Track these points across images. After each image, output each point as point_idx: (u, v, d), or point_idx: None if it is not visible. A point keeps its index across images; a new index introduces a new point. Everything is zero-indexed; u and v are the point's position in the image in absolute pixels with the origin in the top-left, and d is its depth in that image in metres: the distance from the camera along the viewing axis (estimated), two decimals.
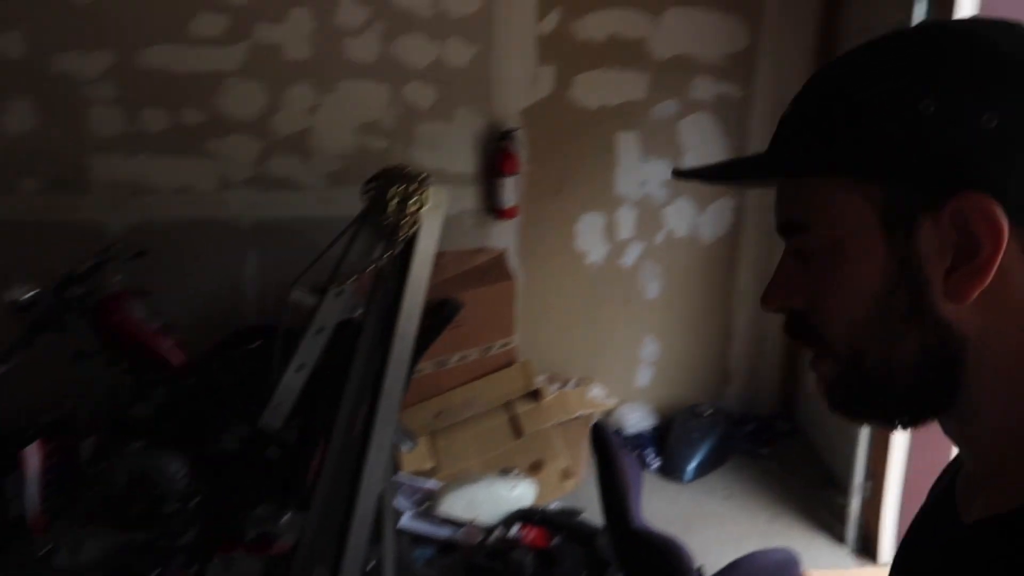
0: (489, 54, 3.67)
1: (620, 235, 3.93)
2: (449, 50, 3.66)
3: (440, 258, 2.92)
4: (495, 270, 3.69)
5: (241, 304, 3.76)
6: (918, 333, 0.63)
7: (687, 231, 3.95)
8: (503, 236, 3.81)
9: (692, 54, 3.78)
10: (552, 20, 3.68)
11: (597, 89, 3.76)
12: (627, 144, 3.83)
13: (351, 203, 2.97)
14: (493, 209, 3.74)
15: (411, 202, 2.46)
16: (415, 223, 2.44)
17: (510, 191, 3.68)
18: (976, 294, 0.60)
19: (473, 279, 3.59)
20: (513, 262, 3.73)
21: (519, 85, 3.70)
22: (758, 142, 3.88)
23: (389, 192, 2.43)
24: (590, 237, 3.91)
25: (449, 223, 2.49)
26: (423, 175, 2.50)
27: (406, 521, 3.09)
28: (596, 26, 3.71)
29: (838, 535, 3.33)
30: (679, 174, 0.79)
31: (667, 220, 3.93)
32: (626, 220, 3.91)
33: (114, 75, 3.49)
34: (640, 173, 3.86)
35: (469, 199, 3.78)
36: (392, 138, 3.69)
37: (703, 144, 3.86)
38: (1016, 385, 0.63)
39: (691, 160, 3.91)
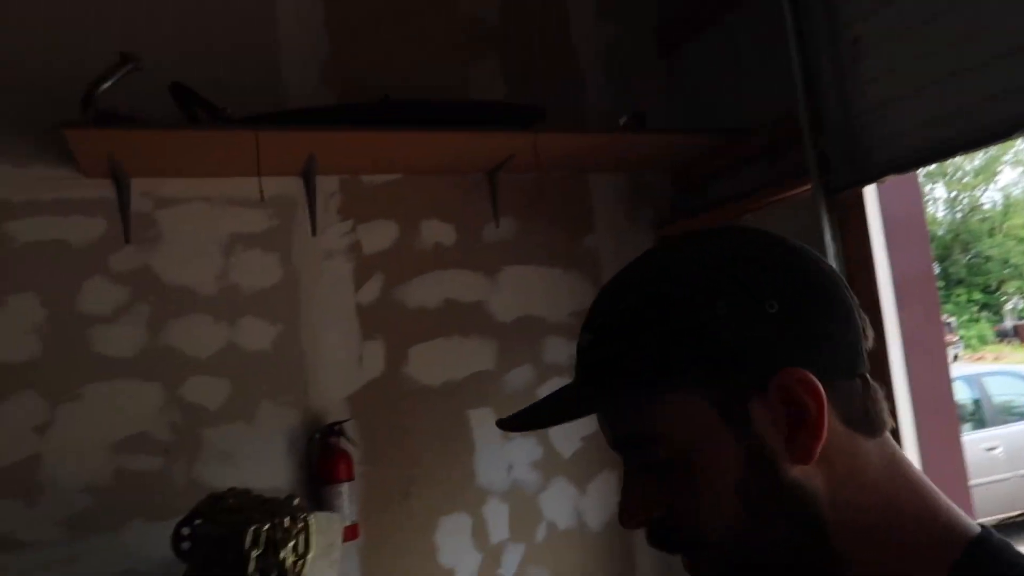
0: (297, 333, 2.11)
1: (492, 538, 2.14)
2: (243, 332, 2.06)
3: None
4: None
5: None
6: (781, 504, 0.51)
7: (570, 521, 2.26)
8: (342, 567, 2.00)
9: (538, 314, 2.39)
10: (372, 289, 2.21)
11: (437, 362, 2.23)
12: (483, 423, 2.20)
13: (107, 559, 1.33)
14: None
15: (283, 552, 0.97)
16: None
17: (344, 504, 1.99)
18: (818, 451, 0.51)
19: None
20: None
21: (341, 367, 2.07)
22: None
23: (244, 539, 0.79)
24: (456, 546, 2.10)
25: None
26: (294, 501, 1.04)
27: None
28: (425, 291, 2.26)
29: None
30: (504, 424, 0.60)
31: (545, 510, 2.24)
32: (496, 517, 2.15)
33: None
34: (504, 456, 2.20)
35: None
36: (169, 455, 1.95)
37: None
38: (871, 527, 0.51)
39: (560, 433, 2.38)
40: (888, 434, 0.55)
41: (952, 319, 16.83)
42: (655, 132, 2.23)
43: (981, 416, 6.28)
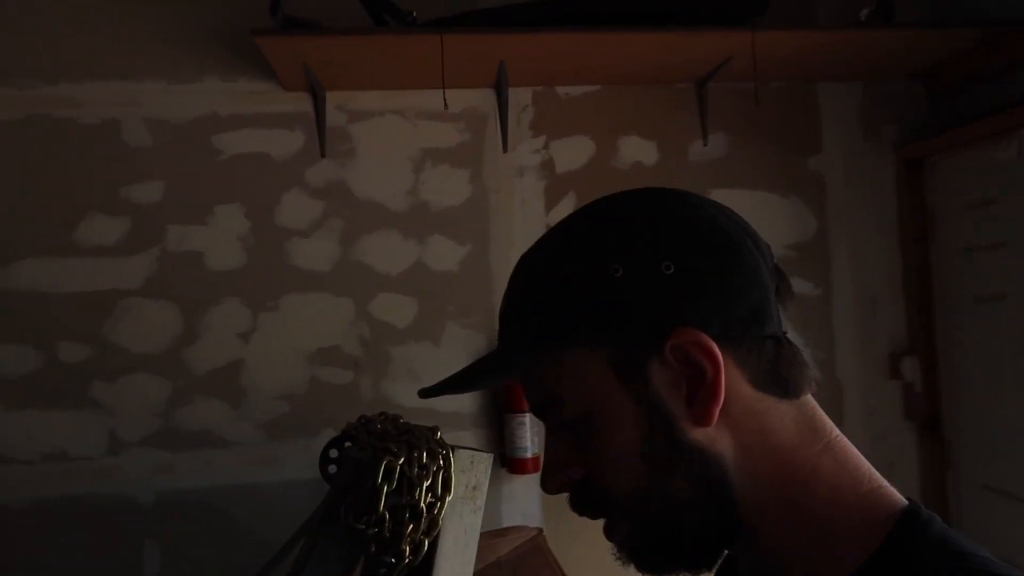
0: (486, 254, 2.02)
1: None
2: (432, 251, 2.00)
3: None
4: (533, 561, 1.51)
5: None
6: (682, 465, 0.51)
7: None
8: (525, 500, 1.92)
9: None
10: (564, 209, 2.05)
11: None
12: None
13: (300, 463, 1.40)
14: (506, 460, 1.86)
15: (418, 491, 0.86)
16: (432, 528, 0.90)
17: (528, 434, 1.86)
18: (717, 413, 0.50)
19: None
20: (554, 545, 1.65)
21: None
22: (845, 347, 2.11)
23: (378, 471, 0.71)
24: None
25: None
26: (436, 434, 0.87)
27: None
28: None
29: None
30: (426, 393, 0.61)
31: None
32: None
33: None
34: None
35: None
36: (358, 368, 1.96)
37: None
38: (780, 492, 0.51)
39: None
40: (809, 397, 0.54)
41: None
42: (905, 27, 1.81)
43: None
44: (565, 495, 0.59)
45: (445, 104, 1.73)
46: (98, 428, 1.77)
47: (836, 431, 0.54)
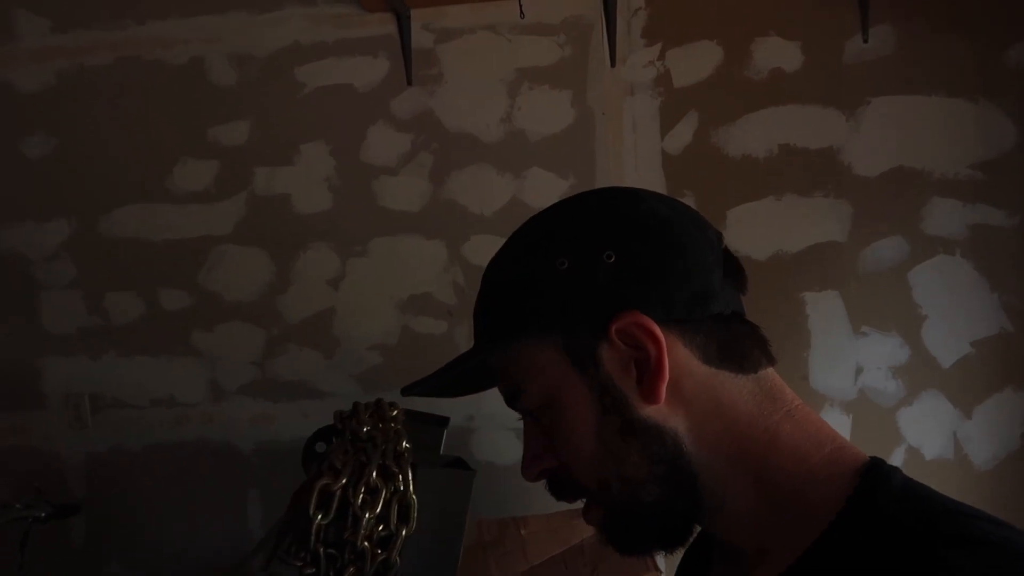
0: (592, 187, 1.78)
1: None
2: (530, 185, 1.78)
3: (517, 527, 1.28)
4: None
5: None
6: (637, 443, 0.53)
7: (944, 449, 1.67)
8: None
9: (920, 166, 1.70)
10: (684, 131, 1.74)
11: (765, 228, 1.69)
12: (824, 311, 1.66)
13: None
14: None
15: (364, 523, 0.56)
16: (387, 570, 0.78)
17: None
18: (664, 390, 0.52)
19: (583, 566, 1.25)
20: None
21: None
22: None
23: (310, 498, 0.59)
24: None
25: None
26: (401, 443, 0.74)
27: None
28: (754, 135, 1.72)
29: None
30: (408, 390, 0.62)
31: (907, 431, 1.70)
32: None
33: (70, 249, 1.87)
34: (852, 355, 1.65)
35: None
36: (452, 317, 1.81)
37: (954, 304, 1.70)
38: (741, 463, 0.53)
39: (938, 334, 1.73)
40: (770, 371, 0.55)
41: None
42: None
43: None
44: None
45: (521, 12, 1.47)
46: (200, 376, 1.76)
47: (798, 400, 0.55)
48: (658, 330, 0.52)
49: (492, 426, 1.72)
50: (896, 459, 1.64)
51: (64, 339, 1.79)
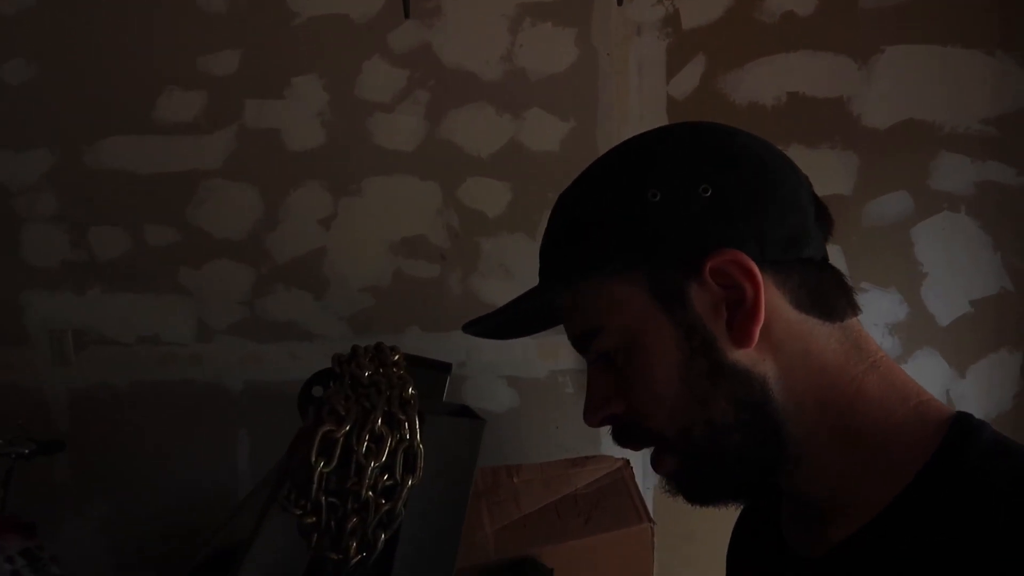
0: (593, 131, 1.71)
1: None
2: (530, 127, 1.72)
3: (510, 476, 1.23)
4: (614, 499, 1.26)
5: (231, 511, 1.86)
6: (725, 387, 0.51)
7: None
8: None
9: (931, 118, 1.65)
10: (690, 75, 1.68)
11: None
12: None
13: None
14: None
15: (368, 472, 0.52)
16: (390, 520, 0.72)
17: None
18: (757, 334, 0.50)
19: (575, 516, 1.24)
20: (641, 479, 1.43)
21: None
22: None
23: (312, 444, 0.56)
24: None
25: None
26: (407, 389, 0.67)
27: None
28: (762, 80, 1.66)
29: None
30: (470, 327, 0.59)
31: None
32: None
33: (53, 181, 1.80)
34: None
35: (565, 356, 1.76)
36: (445, 261, 1.77)
37: (955, 261, 1.67)
38: (827, 412, 0.51)
39: (938, 292, 1.70)
40: (855, 320, 0.54)
41: None
42: None
43: None
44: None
45: None
46: (188, 314, 1.72)
47: (882, 352, 0.53)
48: (756, 269, 0.50)
49: (485, 373, 1.70)
50: None
51: (47, 273, 1.73)
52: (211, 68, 1.68)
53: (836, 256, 1.54)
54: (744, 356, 0.51)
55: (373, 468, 0.68)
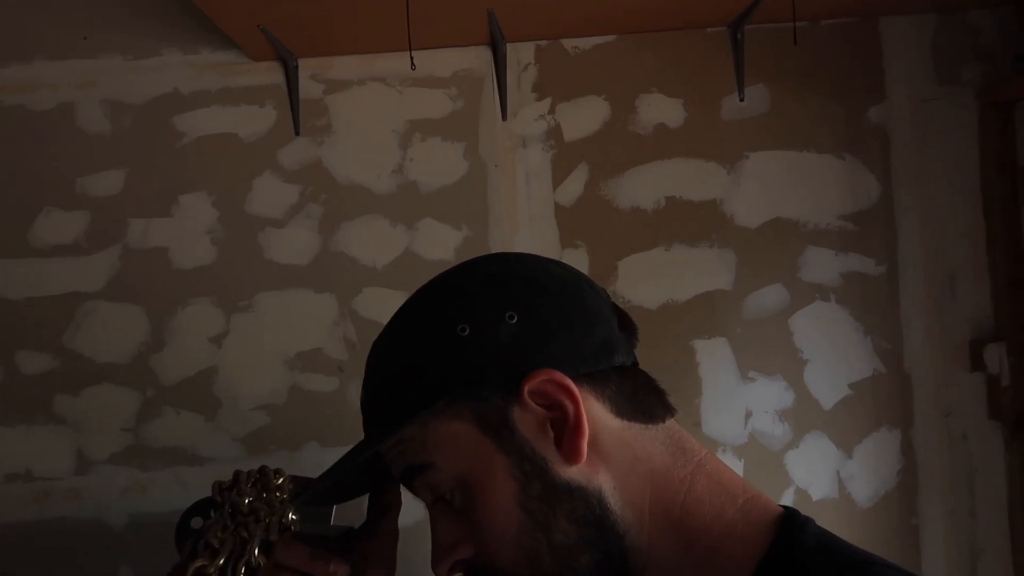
0: (486, 238, 1.74)
1: None
2: (423, 237, 1.75)
3: None
4: None
5: None
6: (563, 507, 0.51)
7: (829, 489, 1.73)
8: None
9: (796, 217, 1.78)
10: (575, 183, 1.76)
11: (655, 278, 1.72)
12: (713, 357, 1.70)
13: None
14: None
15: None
16: None
17: None
18: (585, 447, 0.51)
19: None
20: None
21: None
22: (916, 334, 1.76)
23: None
24: None
25: None
26: (287, 515, 0.66)
27: None
28: (642, 187, 1.76)
29: None
30: (297, 500, 0.60)
31: (794, 473, 1.72)
32: None
33: None
34: (740, 400, 1.69)
35: None
36: (343, 373, 1.73)
37: (832, 347, 1.76)
38: (664, 518, 0.51)
39: (819, 376, 1.79)
40: (673, 422, 0.55)
41: None
42: None
43: None
44: None
45: (412, 64, 1.46)
46: (64, 445, 1.61)
47: (705, 450, 0.53)
48: (572, 385, 0.51)
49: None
50: (786, 500, 1.67)
51: None
52: (92, 189, 1.64)
53: (722, 348, 1.61)
54: (577, 472, 0.51)
55: None
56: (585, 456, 0.51)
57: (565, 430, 0.51)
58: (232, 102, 1.66)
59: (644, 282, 1.68)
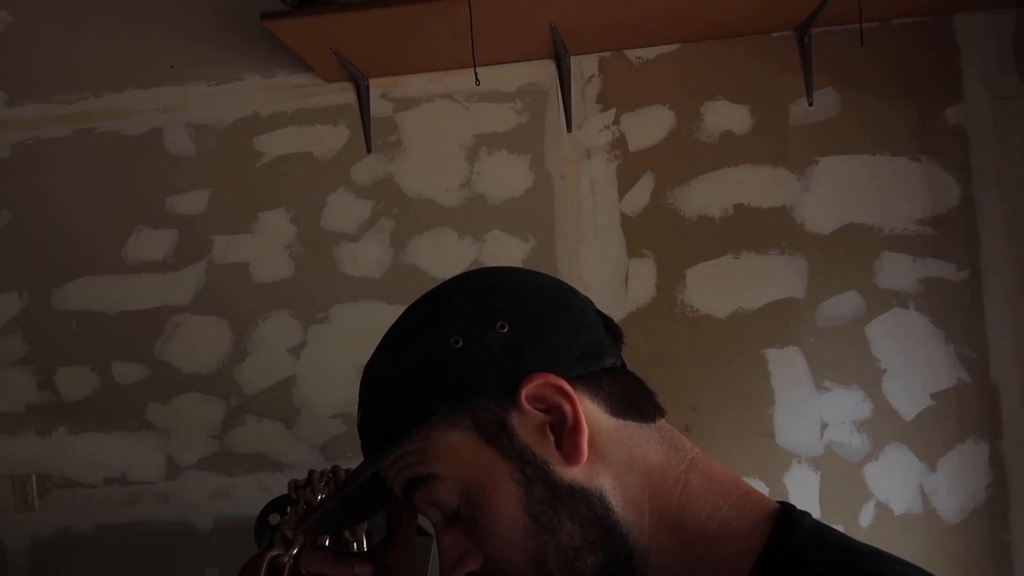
0: (552, 249, 1.75)
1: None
2: (490, 248, 1.77)
3: None
4: None
5: None
6: (567, 509, 0.51)
7: (912, 503, 1.66)
8: None
9: (870, 222, 1.73)
10: (641, 192, 1.75)
11: (725, 286, 1.68)
12: (785, 367, 1.64)
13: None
14: None
15: None
16: None
17: None
18: (585, 446, 0.51)
19: None
20: None
21: (602, 291, 1.67)
22: (1003, 341, 1.69)
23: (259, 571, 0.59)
24: None
25: None
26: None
27: None
28: (709, 195, 1.74)
29: None
30: (305, 529, 0.60)
31: (874, 486, 1.66)
32: (803, 489, 1.63)
33: (21, 324, 1.80)
34: (816, 410, 1.64)
35: None
36: None
37: (912, 356, 1.70)
38: (661, 516, 0.52)
39: (899, 386, 1.73)
40: (664, 421, 0.56)
41: None
42: None
43: None
44: None
45: (476, 80, 1.49)
46: (156, 451, 1.70)
47: (696, 448, 0.56)
48: (568, 386, 0.52)
49: None
50: (866, 515, 1.62)
51: (11, 418, 1.71)
52: (180, 208, 1.73)
53: (795, 357, 1.57)
54: (578, 473, 0.52)
55: None
56: (586, 455, 0.52)
57: (564, 431, 0.52)
58: (307, 122, 1.73)
59: (713, 291, 1.66)
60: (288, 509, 0.89)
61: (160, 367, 1.71)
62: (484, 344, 0.52)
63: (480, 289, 0.56)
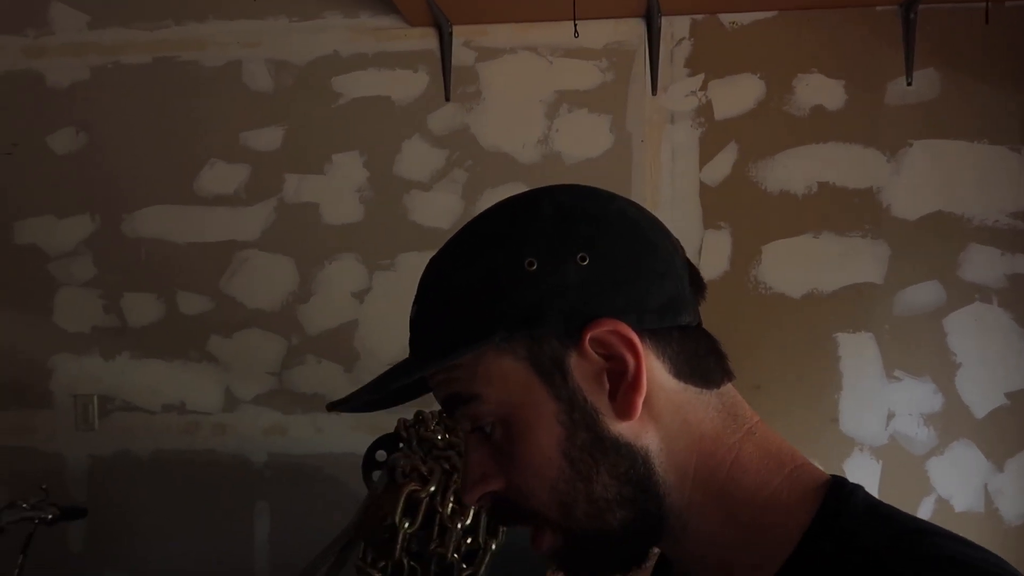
0: None
1: None
2: None
3: None
4: None
5: None
6: (607, 462, 0.49)
7: (974, 501, 1.63)
8: None
9: (959, 211, 1.66)
10: (723, 163, 1.71)
11: (800, 266, 1.64)
12: (856, 353, 1.60)
13: None
14: None
15: (451, 535, 0.68)
16: None
17: None
18: (640, 405, 0.49)
19: None
20: None
21: None
22: None
23: (396, 504, 0.56)
24: None
25: None
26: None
27: None
28: (793, 170, 1.69)
29: None
30: (334, 406, 0.55)
31: (936, 481, 1.64)
32: (863, 478, 1.64)
33: (91, 247, 1.82)
34: (883, 400, 1.61)
35: None
36: None
37: (989, 353, 1.65)
38: (707, 484, 0.50)
39: (972, 382, 1.68)
40: (729, 386, 0.53)
41: None
42: None
43: None
44: None
45: (576, 32, 1.45)
46: (215, 383, 1.71)
47: (756, 417, 0.53)
48: (637, 339, 0.49)
49: None
50: (925, 509, 1.59)
51: (77, 338, 1.74)
52: (254, 143, 1.72)
53: (867, 343, 1.53)
54: (627, 429, 0.50)
55: (457, 531, 0.65)
56: (639, 414, 0.49)
57: (622, 384, 0.49)
58: (387, 66, 1.70)
59: (788, 269, 1.62)
60: (399, 446, 0.89)
61: (224, 300, 1.71)
62: (560, 274, 0.49)
63: (569, 211, 0.52)
